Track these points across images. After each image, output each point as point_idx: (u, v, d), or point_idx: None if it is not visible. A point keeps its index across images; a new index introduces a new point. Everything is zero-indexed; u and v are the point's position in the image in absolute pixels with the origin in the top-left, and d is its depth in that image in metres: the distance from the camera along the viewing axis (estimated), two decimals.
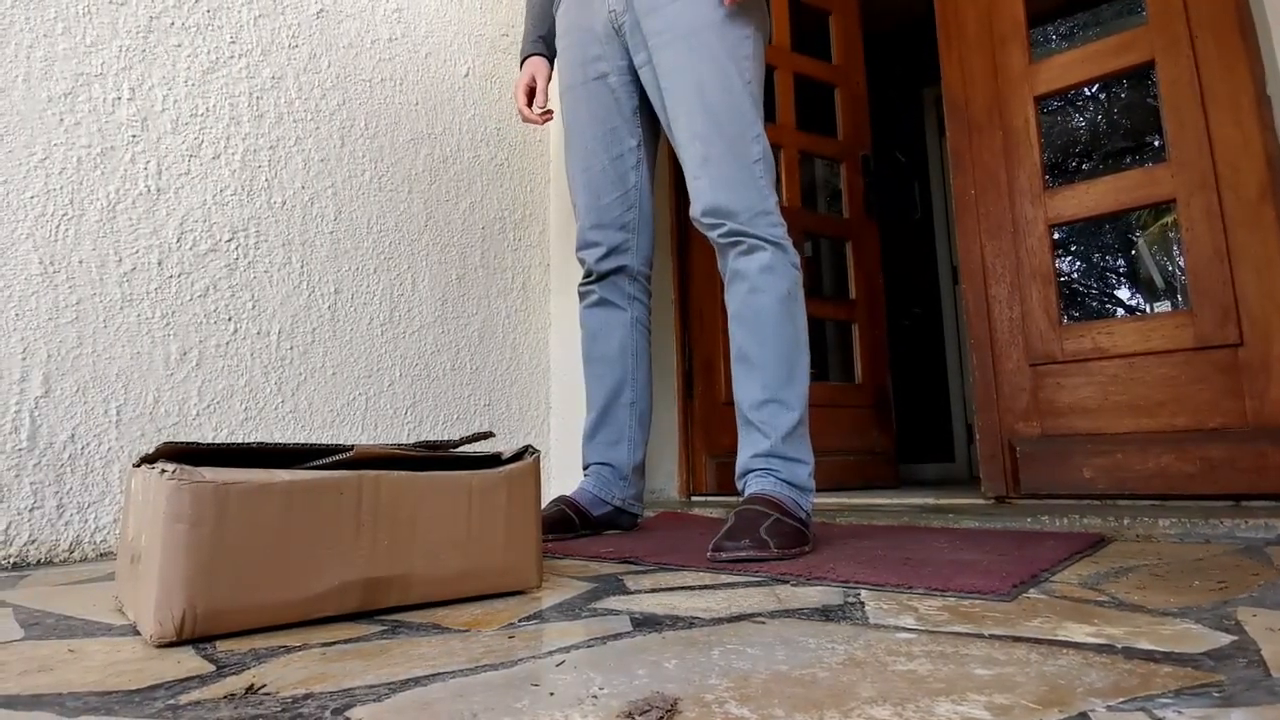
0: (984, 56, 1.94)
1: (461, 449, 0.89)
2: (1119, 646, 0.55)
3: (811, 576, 0.89)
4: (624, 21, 1.38)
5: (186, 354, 1.42)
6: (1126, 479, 1.61)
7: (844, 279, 2.66)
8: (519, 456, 0.87)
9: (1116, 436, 1.65)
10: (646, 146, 1.49)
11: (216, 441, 1.46)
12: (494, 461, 0.86)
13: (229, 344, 1.48)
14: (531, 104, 1.56)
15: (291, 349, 1.57)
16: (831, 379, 3.62)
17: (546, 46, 1.59)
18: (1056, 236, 1.88)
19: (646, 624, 0.68)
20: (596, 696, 0.47)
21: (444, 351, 1.88)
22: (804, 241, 2.50)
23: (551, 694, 0.48)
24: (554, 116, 1.58)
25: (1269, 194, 1.52)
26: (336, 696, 0.48)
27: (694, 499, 2.12)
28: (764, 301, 1.24)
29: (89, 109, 1.34)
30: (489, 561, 0.82)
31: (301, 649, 0.61)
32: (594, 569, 1.02)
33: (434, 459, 0.83)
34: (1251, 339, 1.52)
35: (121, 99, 1.38)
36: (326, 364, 1.63)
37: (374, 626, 0.70)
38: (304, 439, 1.58)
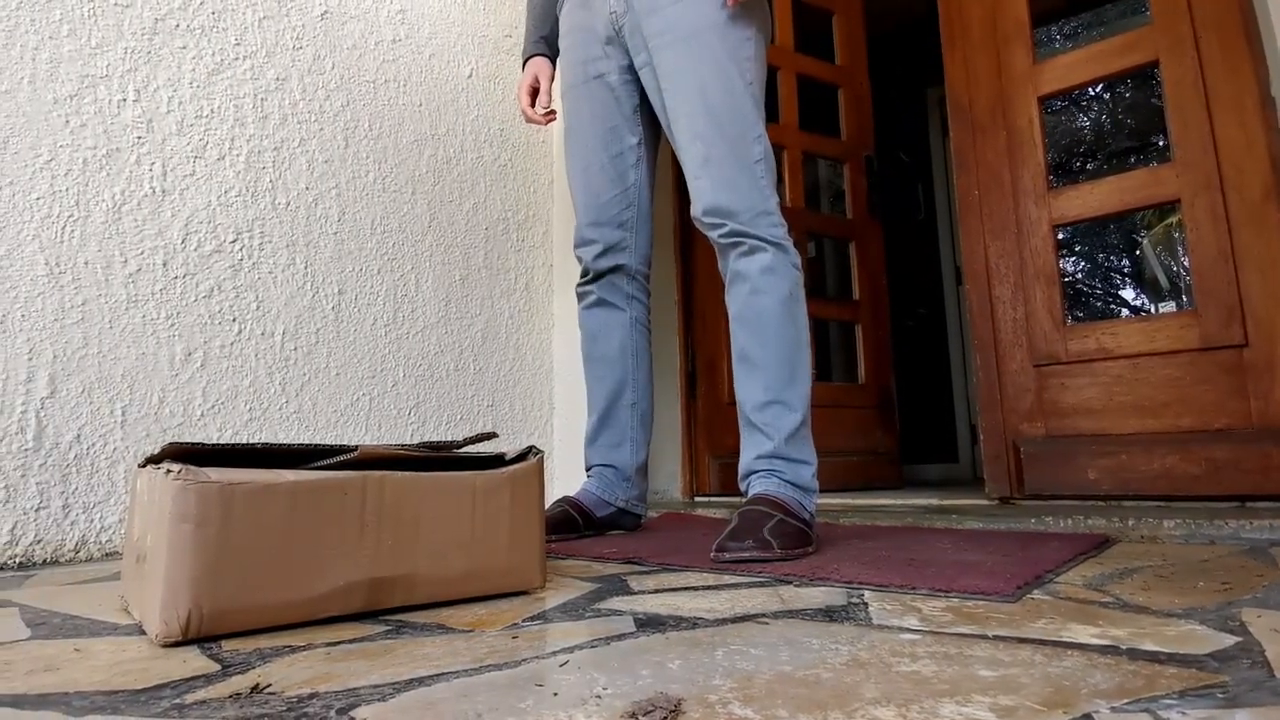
0: (988, 56, 1.94)
1: (465, 449, 0.89)
2: (1123, 648, 0.55)
3: (815, 577, 0.89)
4: (624, 23, 1.38)
5: (191, 355, 1.42)
6: (1131, 480, 1.61)
7: (848, 279, 2.65)
8: (522, 457, 0.88)
9: (1121, 437, 1.64)
10: (647, 145, 1.49)
11: (221, 442, 1.46)
12: (498, 462, 0.87)
13: (233, 345, 1.48)
14: (535, 104, 1.56)
15: (295, 349, 1.58)
16: (835, 379, 3.61)
17: (549, 47, 1.59)
18: (1061, 237, 1.87)
19: (650, 624, 0.68)
20: (600, 697, 0.47)
21: (447, 352, 1.88)
22: (807, 242, 2.50)
23: (555, 694, 0.48)
24: (557, 117, 1.58)
25: (1273, 195, 1.51)
26: (341, 696, 0.48)
27: (697, 499, 2.12)
28: (765, 303, 1.24)
29: (94, 111, 1.35)
30: (493, 562, 0.82)
31: (306, 649, 0.61)
32: (597, 569, 1.03)
33: (438, 459, 0.84)
34: (1256, 340, 1.52)
35: (127, 101, 1.39)
36: (330, 364, 1.63)
37: (378, 626, 0.70)
38: (308, 439, 1.58)
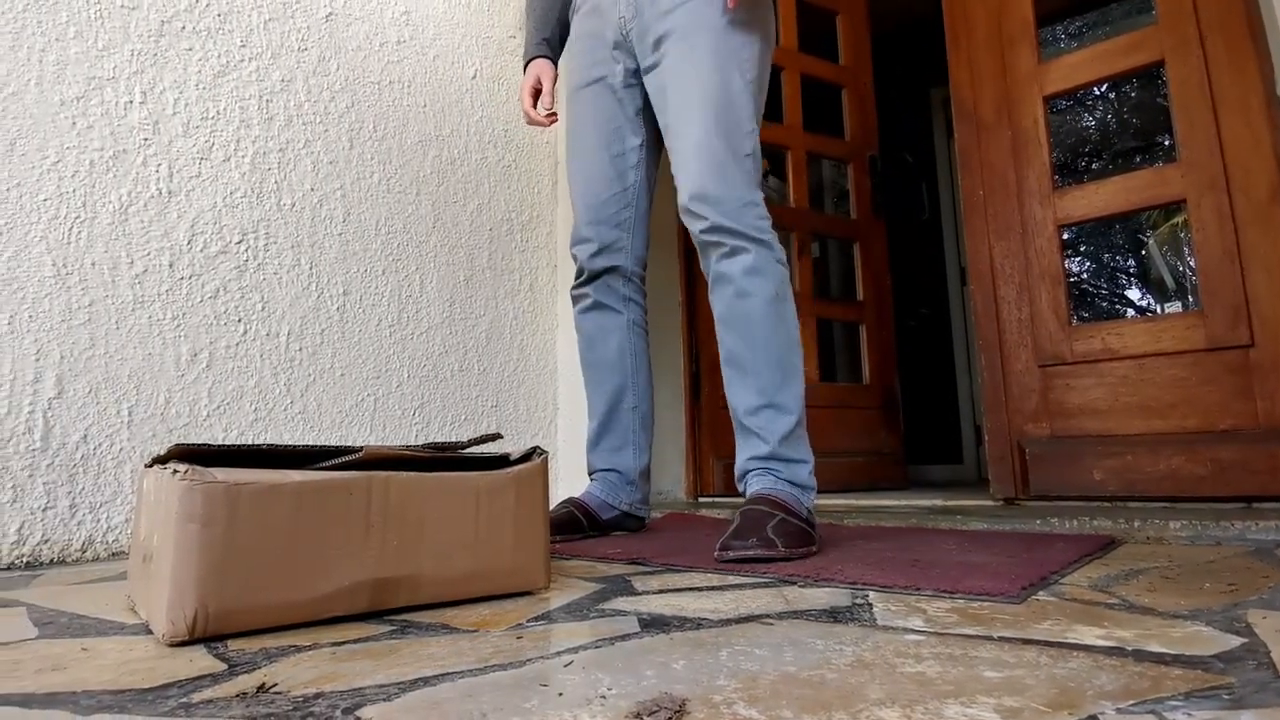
0: (993, 56, 1.94)
1: (470, 450, 0.89)
2: (1129, 649, 0.55)
3: (819, 578, 0.89)
4: (632, 28, 1.39)
5: (197, 355, 1.43)
6: (1137, 481, 1.60)
7: (851, 280, 2.65)
8: (527, 458, 0.88)
9: (1127, 438, 1.64)
10: (649, 148, 1.49)
11: (227, 442, 1.47)
12: (502, 463, 0.87)
13: (239, 345, 1.49)
14: (537, 105, 1.56)
15: (300, 350, 1.58)
16: (839, 380, 3.61)
17: (551, 49, 1.59)
18: (1066, 237, 1.87)
19: (654, 625, 0.68)
20: (605, 697, 0.47)
21: (452, 353, 1.89)
22: (811, 242, 2.49)
23: (560, 694, 0.48)
24: (559, 118, 1.58)
25: (1279, 195, 1.51)
26: (347, 696, 0.49)
27: (701, 500, 2.12)
28: (752, 306, 1.22)
29: (101, 113, 1.35)
30: (497, 562, 0.82)
31: (312, 648, 0.62)
32: (601, 570, 1.03)
33: (442, 460, 0.84)
34: (1263, 340, 1.51)
35: (133, 102, 1.39)
36: (335, 365, 1.64)
37: (383, 626, 0.70)
38: (313, 440, 1.59)
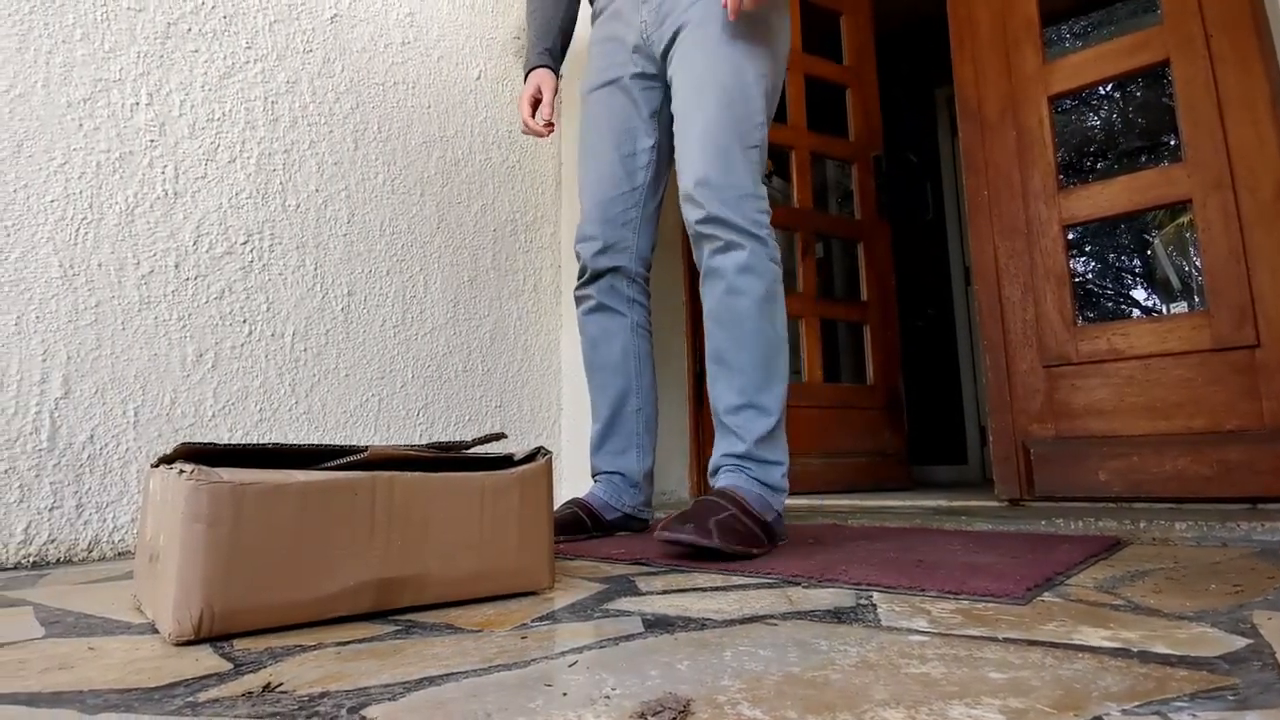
0: (997, 56, 1.93)
1: (474, 450, 0.89)
2: (1134, 650, 0.55)
3: (824, 578, 0.89)
4: (652, 34, 1.40)
5: (202, 356, 1.43)
6: (1142, 481, 1.60)
7: (856, 280, 2.65)
8: (531, 458, 0.88)
9: (1132, 439, 1.63)
10: (660, 151, 1.49)
11: (232, 442, 1.47)
12: (506, 463, 0.87)
13: (244, 346, 1.49)
14: (535, 115, 1.56)
15: (305, 350, 1.59)
16: (843, 380, 3.60)
17: (553, 59, 1.59)
18: (1071, 237, 1.86)
19: (658, 625, 0.68)
20: (609, 697, 0.47)
21: (456, 353, 1.89)
22: (815, 242, 2.49)
23: (565, 694, 0.48)
24: (555, 129, 1.58)
25: None
26: (352, 695, 0.49)
27: None
28: (742, 304, 1.22)
29: (107, 114, 1.36)
30: (501, 562, 0.82)
31: (317, 648, 0.62)
32: (605, 570, 1.03)
33: (447, 460, 0.84)
34: (1269, 340, 1.51)
35: (139, 104, 1.40)
36: (340, 365, 1.64)
37: (388, 626, 0.70)
38: (318, 440, 1.59)
